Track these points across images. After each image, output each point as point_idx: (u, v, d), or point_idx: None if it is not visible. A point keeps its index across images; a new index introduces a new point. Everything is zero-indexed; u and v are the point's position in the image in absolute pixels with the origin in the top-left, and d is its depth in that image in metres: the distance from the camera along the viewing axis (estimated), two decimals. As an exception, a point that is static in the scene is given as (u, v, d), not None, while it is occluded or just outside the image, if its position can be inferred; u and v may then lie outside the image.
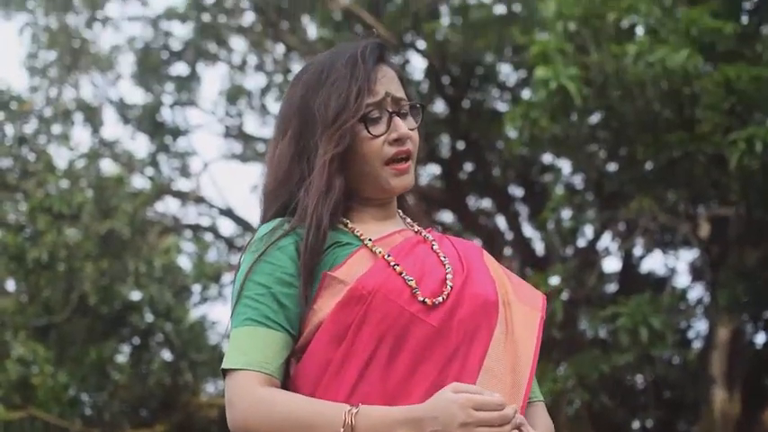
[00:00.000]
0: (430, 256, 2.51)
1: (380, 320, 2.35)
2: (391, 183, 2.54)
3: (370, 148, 2.53)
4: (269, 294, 2.40)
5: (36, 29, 14.84)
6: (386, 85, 2.56)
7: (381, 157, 2.53)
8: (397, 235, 2.55)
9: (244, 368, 2.35)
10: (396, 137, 2.53)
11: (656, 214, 10.52)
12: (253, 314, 2.39)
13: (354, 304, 2.36)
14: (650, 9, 9.19)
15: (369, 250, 2.46)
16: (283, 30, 15.18)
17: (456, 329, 2.39)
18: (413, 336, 2.35)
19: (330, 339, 2.37)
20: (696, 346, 13.42)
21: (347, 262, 2.44)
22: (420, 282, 2.41)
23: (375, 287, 2.36)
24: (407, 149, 2.54)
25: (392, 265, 2.42)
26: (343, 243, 2.48)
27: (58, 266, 12.40)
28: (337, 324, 2.37)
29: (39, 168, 12.92)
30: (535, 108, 9.29)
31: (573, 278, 11.10)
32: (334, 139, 2.49)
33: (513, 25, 12.66)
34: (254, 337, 2.38)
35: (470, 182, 15.82)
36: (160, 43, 15.61)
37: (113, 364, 13.61)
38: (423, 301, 2.38)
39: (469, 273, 2.49)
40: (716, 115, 9.32)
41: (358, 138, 2.52)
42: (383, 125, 2.54)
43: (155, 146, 15.64)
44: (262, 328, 2.38)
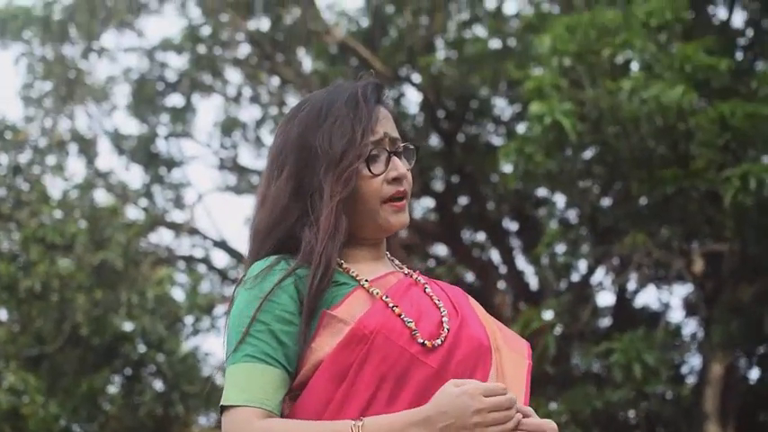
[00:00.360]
0: (423, 299, 2.50)
1: (382, 361, 2.35)
2: (390, 220, 2.53)
3: (370, 187, 2.52)
4: (268, 332, 2.39)
5: (32, 59, 14.85)
6: (384, 125, 2.56)
7: (380, 196, 2.53)
8: (390, 276, 2.54)
9: (244, 405, 2.34)
10: (395, 176, 2.53)
11: (650, 250, 10.52)
12: (252, 351, 2.38)
13: (356, 344, 2.36)
14: (645, 45, 9.22)
15: (365, 291, 2.46)
16: (279, 62, 15.21)
17: (453, 372, 2.39)
18: (413, 377, 2.36)
19: (331, 378, 2.36)
20: (690, 382, 13.39)
21: (345, 301, 2.43)
22: (418, 323, 2.41)
23: (376, 327, 2.36)
24: (404, 189, 2.54)
25: (391, 306, 2.41)
26: (340, 283, 2.47)
27: (51, 296, 12.37)
28: (338, 363, 2.36)
29: (32, 198, 12.90)
30: (530, 143, 9.30)
31: (566, 313, 11.09)
32: (342, 179, 2.49)
33: (508, 60, 12.70)
34: (254, 374, 2.37)
35: (465, 215, 15.83)
36: (155, 74, 15.63)
37: (105, 394, 13.56)
38: (422, 343, 2.38)
39: (463, 316, 2.49)
40: (710, 152, 9.35)
41: (359, 177, 2.51)
42: (382, 164, 2.54)
43: (149, 177, 15.62)
44: (261, 364, 2.37)
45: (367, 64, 14.37)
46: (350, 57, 14.74)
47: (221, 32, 15.20)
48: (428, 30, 14.64)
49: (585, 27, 9.36)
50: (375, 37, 14.74)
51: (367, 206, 2.53)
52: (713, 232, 10.68)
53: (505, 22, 14.11)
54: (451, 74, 13.64)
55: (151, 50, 15.50)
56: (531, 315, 10.77)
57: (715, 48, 10.18)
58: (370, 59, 14.35)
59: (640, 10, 9.49)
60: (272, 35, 15.00)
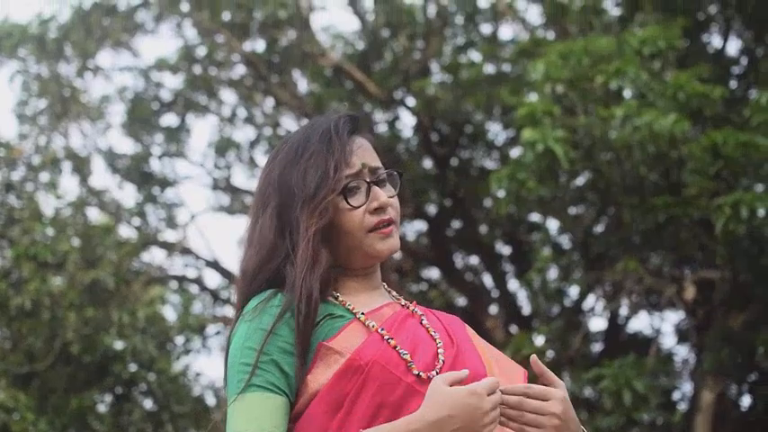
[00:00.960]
0: (419, 330, 2.52)
1: (378, 389, 2.37)
2: (377, 247, 2.56)
3: (352, 219, 2.55)
4: (272, 362, 2.42)
5: (27, 76, 14.87)
6: (361, 156, 2.59)
7: (364, 227, 2.55)
8: (386, 308, 2.56)
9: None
10: (376, 206, 2.55)
11: (642, 276, 10.53)
12: (258, 381, 2.41)
13: (352, 374, 2.38)
14: (638, 73, 9.25)
15: (361, 323, 2.48)
16: (274, 84, 15.23)
17: None
18: (409, 407, 2.36)
19: (327, 409, 2.39)
20: (681, 408, 13.37)
21: (341, 334, 2.45)
22: (413, 355, 2.43)
23: (373, 358, 2.38)
24: (389, 218, 2.57)
25: (386, 338, 2.44)
26: (336, 315, 2.50)
27: (42, 314, 12.35)
28: (334, 393, 2.39)
29: (25, 216, 12.88)
30: (522, 169, 9.31)
31: (558, 339, 11.09)
32: (316, 213, 2.52)
33: (503, 85, 12.73)
34: (262, 403, 2.40)
35: (457, 239, 15.84)
36: (150, 94, 15.65)
37: (94, 413, 13.51)
38: (417, 374, 2.40)
39: (459, 347, 2.51)
40: (702, 180, 9.37)
41: (339, 211, 2.54)
42: (362, 196, 2.56)
43: (142, 196, 15.62)
44: (269, 393, 2.40)
45: (362, 87, 14.41)
46: (345, 79, 14.77)
47: (217, 53, 15.23)
48: (423, 54, 14.68)
49: (579, 54, 9.39)
50: (370, 60, 14.78)
51: (352, 238, 2.56)
52: (705, 260, 10.69)
53: (501, 47, 14.14)
54: (445, 98, 13.66)
55: (146, 70, 15.52)
56: (523, 340, 10.77)
57: (709, 76, 10.21)
58: (364, 82, 14.39)
59: (634, 38, 9.52)
60: (267, 57, 15.03)
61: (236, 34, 14.72)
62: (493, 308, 15.85)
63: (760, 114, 9.48)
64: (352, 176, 2.56)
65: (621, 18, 11.47)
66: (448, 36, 14.75)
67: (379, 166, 2.61)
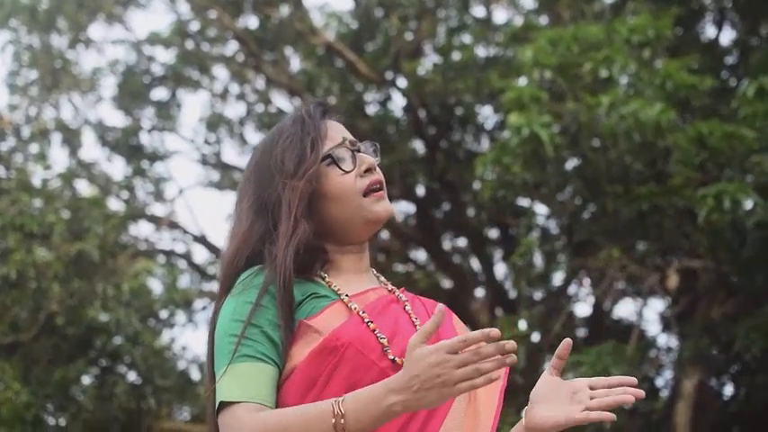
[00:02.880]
0: (402, 316, 2.57)
1: (351, 372, 2.41)
2: (374, 209, 2.60)
3: (345, 184, 2.60)
4: (262, 333, 2.45)
5: (18, 47, 14.83)
6: (340, 131, 2.67)
7: (358, 190, 2.60)
8: (371, 293, 2.60)
9: (244, 401, 2.40)
10: (365, 167, 2.62)
11: (625, 264, 10.55)
12: (249, 351, 2.44)
13: (327, 354, 2.42)
14: (626, 62, 9.25)
15: (344, 305, 2.51)
16: (266, 61, 15.21)
17: None
18: None
19: (301, 386, 2.43)
20: (664, 396, 13.41)
21: (323, 313, 2.49)
22: (391, 340, 2.47)
23: (349, 340, 2.42)
24: (379, 178, 2.63)
25: (366, 321, 2.47)
26: (320, 295, 2.53)
27: (27, 285, 12.36)
28: (309, 372, 2.43)
29: (12, 186, 12.88)
30: (507, 153, 9.32)
31: (540, 323, 11.11)
32: (299, 187, 2.57)
33: (493, 69, 12.72)
34: (252, 372, 2.43)
35: (445, 222, 15.85)
36: (142, 68, 15.63)
37: (78, 385, 13.54)
38: (392, 359, 2.44)
39: (439, 335, 2.50)
40: (687, 170, 9.37)
41: (329, 180, 2.60)
42: (350, 162, 2.62)
43: (131, 169, 15.61)
44: (259, 363, 2.44)
45: (353, 67, 14.40)
46: (336, 59, 14.75)
47: (209, 29, 15.21)
48: (416, 35, 14.67)
49: (568, 41, 9.39)
50: (361, 40, 14.76)
51: (349, 204, 2.60)
52: (689, 249, 10.71)
53: (493, 31, 14.13)
54: (436, 80, 13.66)
55: (138, 44, 15.49)
56: (505, 324, 10.79)
57: (701, 66, 10.22)
58: (356, 62, 14.37)
59: (623, 27, 9.52)
60: (259, 34, 15.01)
61: (228, 11, 14.70)
62: (479, 291, 15.88)
63: (747, 106, 9.48)
64: (335, 147, 2.62)
65: (614, 6, 11.46)
66: (441, 18, 14.73)
67: (355, 139, 2.68)
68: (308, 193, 2.56)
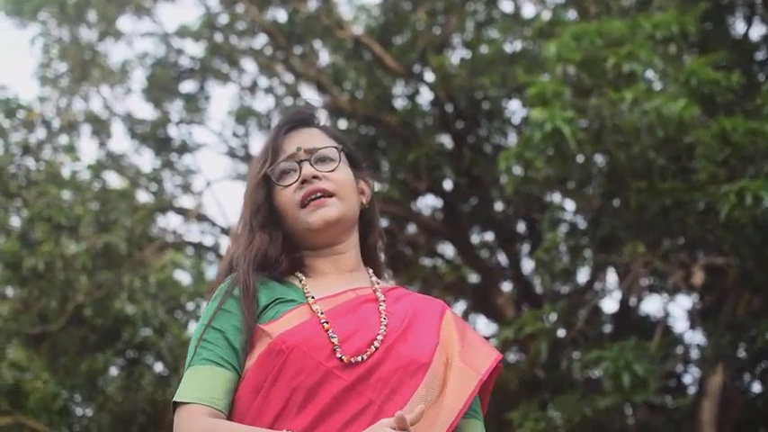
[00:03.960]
0: (371, 315, 2.62)
1: (295, 374, 2.47)
2: (308, 219, 2.70)
3: (285, 198, 2.73)
4: (223, 338, 2.55)
5: (48, 39, 14.91)
6: (298, 141, 2.77)
7: (295, 203, 2.71)
8: (349, 293, 2.67)
9: (195, 402, 2.47)
10: (301, 180, 2.71)
11: (650, 260, 10.51)
12: (208, 355, 2.53)
13: (274, 357, 2.49)
14: (650, 57, 9.21)
15: (309, 307, 2.59)
16: (294, 54, 15.24)
17: (372, 387, 2.49)
18: (325, 390, 2.46)
19: (252, 390, 2.50)
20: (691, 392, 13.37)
21: (284, 317, 2.57)
22: (347, 340, 2.52)
23: (294, 343, 2.49)
24: (315, 188, 2.70)
25: (322, 322, 2.53)
26: (286, 299, 2.62)
27: (55, 276, 12.44)
28: (258, 375, 2.50)
29: (41, 178, 12.97)
30: (530, 149, 9.31)
31: (561, 319, 11.09)
32: (248, 204, 2.75)
33: (519, 63, 12.70)
34: (208, 375, 2.51)
35: (472, 216, 15.83)
36: (171, 60, 15.68)
37: (105, 376, 13.64)
38: (340, 357, 2.49)
39: (405, 333, 2.60)
40: (711, 166, 9.33)
41: (276, 195, 2.75)
42: (295, 175, 2.73)
43: (159, 161, 15.67)
44: (216, 367, 2.52)
45: (380, 60, 14.41)
46: (364, 52, 14.76)
47: (238, 22, 15.24)
48: (443, 29, 14.65)
49: (592, 36, 9.36)
50: (389, 34, 14.76)
51: (291, 216, 2.73)
52: (714, 246, 10.66)
53: (521, 25, 14.10)
54: (462, 74, 13.65)
55: (167, 36, 15.54)
56: (528, 319, 10.78)
57: (730, 62, 10.15)
58: (383, 56, 14.38)
59: (647, 21, 9.48)
60: (288, 27, 15.03)
61: (257, 4, 14.74)
62: (506, 285, 15.86)
63: (771, 103, 9.43)
64: (285, 160, 2.74)
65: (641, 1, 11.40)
66: (469, 12, 14.71)
67: (317, 146, 2.77)
68: (261, 207, 2.73)
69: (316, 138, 2.80)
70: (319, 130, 2.83)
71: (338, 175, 2.74)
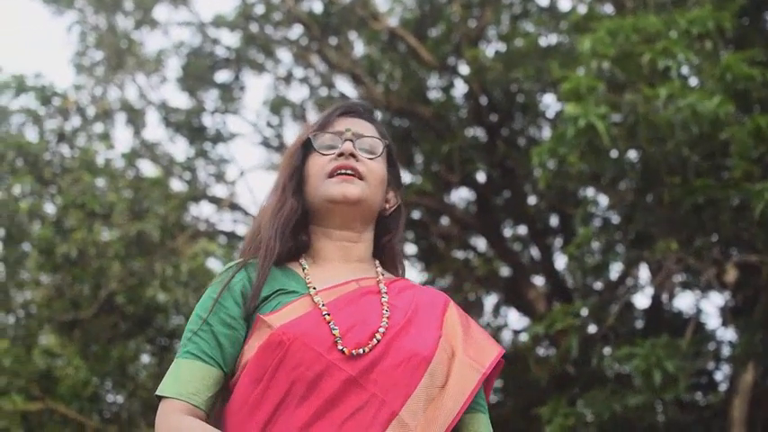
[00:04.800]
0: (373, 308, 2.60)
1: (296, 365, 2.45)
2: (330, 190, 2.70)
3: (317, 165, 2.74)
4: (210, 332, 2.55)
5: (84, 27, 14.97)
6: (348, 124, 2.80)
7: (324, 171, 2.72)
8: (352, 283, 2.66)
9: (174, 397, 2.50)
10: (338, 152, 2.73)
11: (683, 257, 10.46)
12: (192, 348, 2.55)
13: (274, 348, 2.48)
14: (686, 53, 9.16)
15: (311, 299, 2.57)
16: (329, 45, 15.25)
17: (374, 380, 2.47)
18: (326, 383, 2.44)
19: (251, 380, 2.49)
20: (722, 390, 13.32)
21: (285, 308, 2.55)
22: (348, 332, 2.51)
23: (295, 335, 2.47)
24: (348, 164, 2.72)
25: (323, 314, 2.52)
26: (288, 291, 2.61)
27: (88, 263, 12.50)
28: (258, 366, 2.49)
29: (75, 165, 13.03)
30: (563, 144, 9.28)
31: (592, 315, 11.06)
32: (286, 163, 2.78)
33: (554, 57, 12.66)
34: (190, 369, 2.53)
35: (505, 209, 15.81)
36: (207, 50, 15.72)
37: (136, 363, 13.69)
38: (341, 350, 2.47)
39: (407, 326, 2.58)
40: (745, 163, 9.27)
41: (309, 161, 2.76)
42: (333, 149, 2.75)
43: (193, 150, 15.72)
44: (198, 361, 2.53)
45: (415, 53, 14.40)
46: (399, 44, 14.76)
47: (274, 12, 15.26)
48: (478, 22, 14.62)
49: (627, 31, 9.31)
50: (424, 27, 14.75)
51: (316, 183, 2.73)
52: (747, 243, 10.60)
53: (557, 19, 14.05)
54: (497, 67, 13.62)
55: (203, 26, 15.58)
56: (559, 314, 10.75)
57: (765, 58, 10.07)
58: (418, 48, 14.37)
59: (683, 17, 9.42)
60: (324, 18, 15.04)
61: (293, -6, 14.77)
62: (538, 279, 15.82)
63: (807, 100, 9.38)
64: (330, 134, 2.77)
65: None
66: (504, 5, 14.68)
67: (366, 134, 2.80)
68: (296, 170, 2.75)
69: (367, 128, 2.82)
70: (372, 124, 2.85)
71: (374, 164, 2.76)
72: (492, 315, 16.50)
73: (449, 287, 15.80)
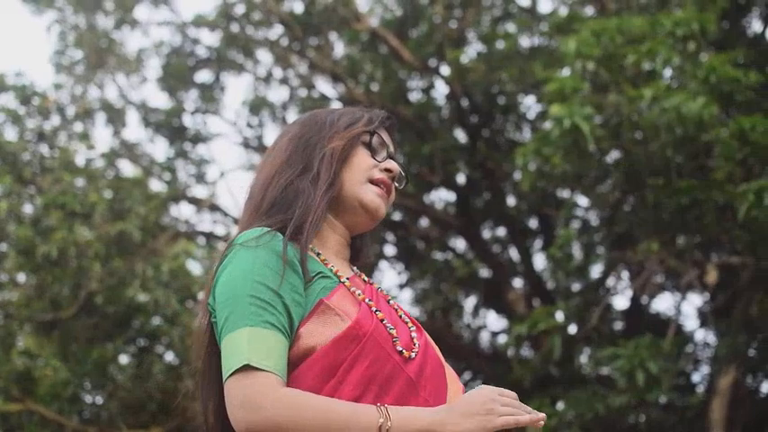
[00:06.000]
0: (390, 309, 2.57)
1: (372, 363, 2.38)
2: (370, 196, 2.65)
3: (365, 163, 2.67)
4: (282, 305, 2.38)
5: (64, 26, 14.91)
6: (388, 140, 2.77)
7: (369, 174, 2.66)
8: (357, 279, 2.62)
9: (271, 371, 2.31)
10: (388, 167, 2.69)
11: (665, 258, 10.50)
12: (271, 318, 2.36)
13: (350, 342, 2.38)
14: (670, 55, 9.19)
15: (347, 289, 2.50)
16: (310, 46, 15.23)
17: (423, 387, 2.44)
18: (395, 383, 2.39)
19: (320, 372, 2.37)
20: (700, 391, 13.36)
21: (334, 295, 2.46)
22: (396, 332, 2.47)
23: (370, 330, 2.40)
24: (391, 184, 2.69)
25: (374, 310, 2.46)
26: (326, 275, 2.51)
27: (68, 263, 12.43)
28: (330, 358, 2.37)
29: (55, 165, 12.96)
30: (547, 144, 9.30)
31: (577, 315, 11.08)
32: (345, 138, 2.65)
33: (536, 59, 12.68)
34: (276, 343, 2.35)
35: (485, 210, 15.82)
36: (187, 50, 15.68)
37: (115, 364, 13.62)
38: (400, 351, 2.43)
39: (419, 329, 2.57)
40: (729, 164, 9.31)
41: (358, 154, 2.67)
42: (381, 156, 2.71)
43: (173, 151, 15.67)
44: (280, 335, 2.36)
45: (396, 53, 14.39)
46: (380, 45, 14.75)
47: (254, 12, 15.23)
48: (460, 23, 14.63)
49: (612, 32, 9.34)
50: (406, 27, 14.74)
51: (357, 178, 2.65)
52: (729, 244, 10.65)
53: (538, 20, 14.08)
54: (479, 69, 13.63)
55: (184, 26, 15.54)
56: (541, 315, 10.77)
57: (746, 60, 10.13)
58: (399, 49, 14.37)
59: (667, 19, 9.46)
60: (304, 18, 15.02)
61: (274, -6, 14.75)
62: (517, 281, 15.85)
63: (791, 102, 9.43)
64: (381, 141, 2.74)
65: (660, -2, 11.39)
66: (485, 6, 14.69)
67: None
68: (346, 153, 2.64)
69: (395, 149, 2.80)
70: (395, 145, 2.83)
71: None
72: (471, 316, 16.52)
73: (428, 288, 15.82)
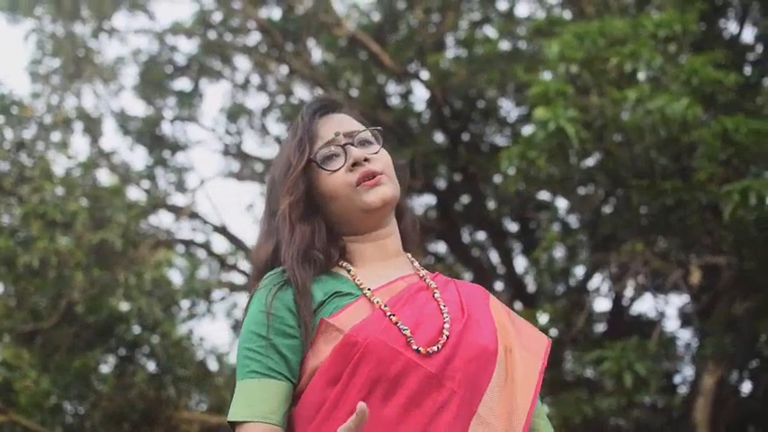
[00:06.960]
0: (430, 304, 2.56)
1: (377, 363, 2.40)
2: (367, 200, 2.63)
3: (335, 181, 2.65)
4: (270, 346, 2.47)
5: (42, 35, 14.84)
6: (333, 126, 2.72)
7: (349, 183, 2.64)
8: (400, 281, 2.61)
9: (250, 420, 2.42)
10: (352, 162, 2.65)
11: (648, 259, 10.52)
12: (256, 366, 2.47)
13: (350, 349, 2.41)
14: (652, 56, 9.22)
15: (368, 300, 2.52)
16: (288, 52, 15.21)
17: (451, 378, 2.43)
18: (408, 381, 2.40)
19: (326, 383, 2.43)
20: (682, 392, 13.41)
21: (345, 310, 2.49)
22: (416, 331, 2.46)
23: (368, 334, 2.42)
24: (369, 170, 2.65)
25: (388, 315, 2.47)
26: (343, 293, 2.54)
27: (49, 273, 12.36)
28: (333, 367, 2.42)
29: (35, 174, 12.89)
30: (532, 147, 9.30)
31: (561, 318, 11.10)
32: (287, 190, 2.65)
33: (517, 63, 12.69)
34: (259, 389, 2.45)
35: (466, 214, 15.84)
36: (165, 57, 15.63)
37: (97, 374, 13.56)
38: (417, 349, 2.43)
39: (468, 321, 2.54)
40: (712, 165, 9.34)
41: (321, 180, 2.67)
42: (341, 159, 2.67)
43: (152, 159, 15.62)
44: (266, 379, 2.46)
45: (376, 58, 14.39)
46: (359, 50, 14.74)
47: (232, 19, 15.21)
48: (439, 27, 14.65)
49: (594, 35, 9.36)
50: (385, 32, 14.75)
51: (343, 198, 2.65)
52: (712, 245, 10.68)
53: (516, 24, 14.10)
54: (459, 73, 13.65)
55: (161, 33, 15.49)
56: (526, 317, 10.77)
57: (724, 62, 10.17)
58: (379, 54, 14.36)
59: (649, 21, 9.49)
60: (282, 25, 15.00)
61: (252, 1, 14.70)
62: (498, 284, 15.86)
63: (772, 102, 9.47)
64: (325, 145, 2.68)
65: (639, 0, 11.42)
66: (464, 11, 14.70)
67: (355, 129, 2.72)
68: (301, 198, 2.64)
69: (349, 122, 2.74)
70: (347, 115, 2.78)
71: (383, 155, 2.70)
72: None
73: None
